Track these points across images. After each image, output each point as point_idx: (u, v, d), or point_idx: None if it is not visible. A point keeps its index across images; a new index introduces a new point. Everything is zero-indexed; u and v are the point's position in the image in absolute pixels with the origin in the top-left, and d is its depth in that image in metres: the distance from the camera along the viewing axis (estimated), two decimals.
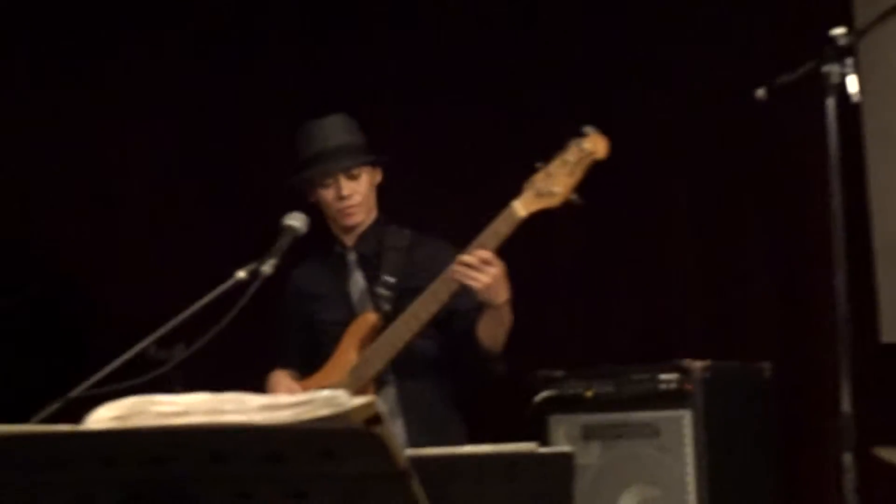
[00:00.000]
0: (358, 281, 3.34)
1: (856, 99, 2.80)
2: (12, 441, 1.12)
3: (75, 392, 2.14)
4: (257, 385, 3.43)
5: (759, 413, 3.57)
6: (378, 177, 3.35)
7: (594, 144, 3.00)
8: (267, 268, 2.63)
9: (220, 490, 1.12)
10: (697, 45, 4.19)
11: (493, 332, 3.15)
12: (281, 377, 3.35)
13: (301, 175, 3.31)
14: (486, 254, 2.99)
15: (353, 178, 3.27)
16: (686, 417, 3.36)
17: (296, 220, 2.86)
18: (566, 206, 3.01)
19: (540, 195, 3.01)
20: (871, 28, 2.93)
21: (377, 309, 3.24)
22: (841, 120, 2.82)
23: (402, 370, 3.22)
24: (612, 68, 4.31)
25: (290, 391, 3.22)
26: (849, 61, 2.82)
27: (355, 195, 3.27)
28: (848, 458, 2.73)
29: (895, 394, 3.69)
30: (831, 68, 2.81)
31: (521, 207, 3.01)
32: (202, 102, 4.74)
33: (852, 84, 2.79)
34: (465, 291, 3.11)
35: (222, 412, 1.11)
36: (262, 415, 1.10)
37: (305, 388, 3.22)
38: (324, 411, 1.08)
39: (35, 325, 3.92)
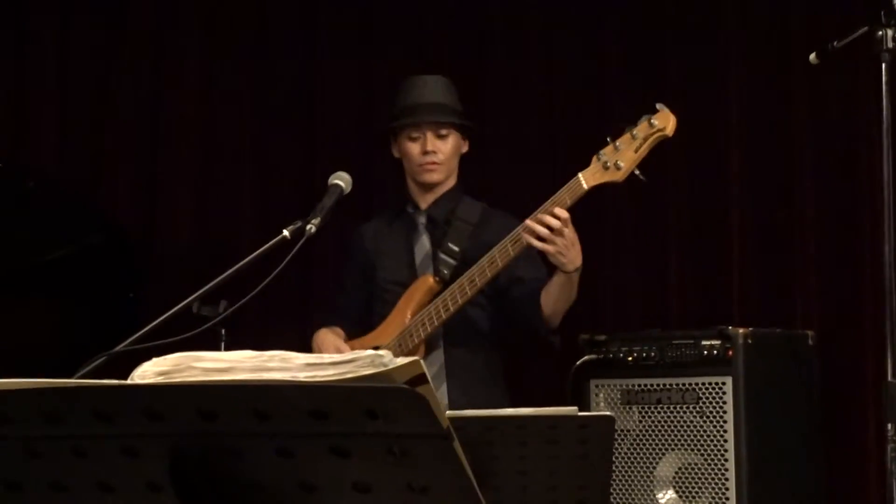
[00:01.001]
0: (424, 244, 3.38)
1: None
2: (59, 395, 1.14)
3: (120, 347, 2.16)
4: (301, 342, 3.46)
5: (801, 381, 3.54)
6: (465, 147, 3.42)
7: (663, 121, 3.00)
8: (311, 227, 2.63)
9: (264, 447, 1.13)
10: (751, 9, 4.13)
11: (556, 300, 3.16)
12: (328, 335, 3.38)
13: (392, 124, 3.38)
14: (564, 213, 3.00)
15: (440, 136, 3.34)
16: (727, 384, 3.34)
17: (341, 180, 2.87)
18: (630, 181, 3.02)
19: (605, 169, 3.01)
20: None
21: (436, 273, 3.27)
22: (894, 86, 2.78)
23: (452, 337, 3.26)
24: (665, 35, 4.27)
25: (338, 350, 3.26)
26: None
27: (439, 153, 3.33)
28: (891, 428, 2.70)
29: None
30: (885, 32, 2.77)
31: (586, 180, 3.03)
32: (263, 62, 4.75)
33: None
34: (528, 260, 3.13)
35: (267, 369, 1.12)
36: (306, 373, 1.10)
37: (356, 348, 3.27)
38: (368, 370, 1.08)
39: (89, 277, 3.95)
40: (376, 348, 3.57)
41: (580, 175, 3.03)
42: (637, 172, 3.01)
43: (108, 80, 4.67)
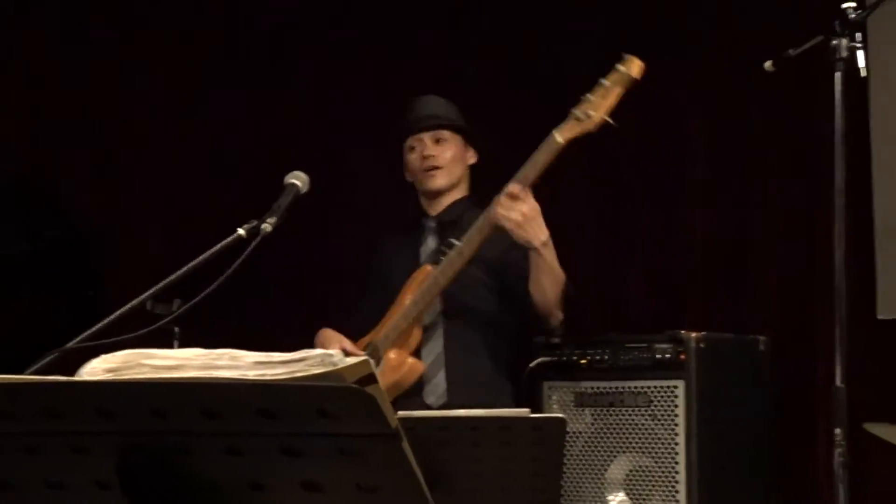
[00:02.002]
0: (430, 245, 3.43)
1: (863, 74, 2.80)
2: (7, 391, 1.13)
3: (72, 343, 2.14)
4: (255, 341, 3.44)
5: (753, 385, 3.58)
6: (471, 157, 3.45)
7: (629, 66, 3.03)
8: (267, 226, 2.62)
9: (213, 445, 1.12)
10: (711, 16, 4.16)
11: (539, 280, 3.19)
12: (331, 333, 3.40)
13: (398, 138, 3.44)
14: (515, 188, 3.04)
15: (438, 142, 3.39)
16: (679, 387, 3.36)
17: (297, 180, 2.86)
18: (603, 129, 3.04)
19: (578, 121, 3.04)
20: (882, 3, 2.91)
21: (435, 263, 3.29)
22: (848, 95, 2.81)
23: (453, 325, 3.28)
24: (629, 37, 4.29)
25: (342, 346, 3.31)
26: (858, 36, 2.81)
27: (438, 157, 3.38)
28: (839, 433, 2.73)
29: (889, 370, 3.70)
30: (840, 42, 2.80)
31: (561, 134, 3.06)
32: (220, 55, 4.73)
33: (860, 59, 2.78)
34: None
35: (216, 367, 1.11)
36: (255, 371, 1.10)
37: (363, 343, 3.34)
38: (317, 369, 1.08)
39: (46, 274, 3.92)
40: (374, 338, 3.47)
41: (554, 132, 3.07)
42: (609, 120, 3.03)
43: (72, 74, 4.63)
